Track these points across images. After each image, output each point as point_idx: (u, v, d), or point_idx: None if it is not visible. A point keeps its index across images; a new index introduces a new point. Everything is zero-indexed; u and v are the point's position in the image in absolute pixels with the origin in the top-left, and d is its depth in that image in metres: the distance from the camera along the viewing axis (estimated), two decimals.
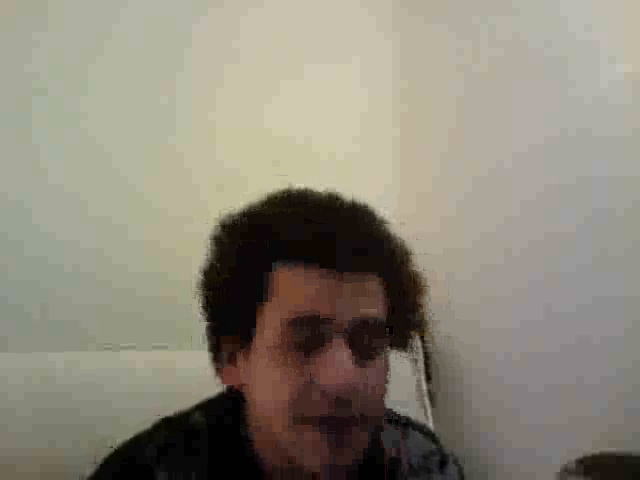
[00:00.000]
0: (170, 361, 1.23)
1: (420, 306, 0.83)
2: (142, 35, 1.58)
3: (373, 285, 0.76)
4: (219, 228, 0.80)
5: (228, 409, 0.80)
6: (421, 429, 0.94)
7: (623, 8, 1.31)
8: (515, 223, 1.51)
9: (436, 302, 1.64)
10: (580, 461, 1.02)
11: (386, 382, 0.78)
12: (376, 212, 0.82)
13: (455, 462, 0.92)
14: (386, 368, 0.78)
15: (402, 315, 0.79)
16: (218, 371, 0.82)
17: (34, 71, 1.49)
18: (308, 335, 0.73)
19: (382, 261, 0.77)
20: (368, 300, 0.75)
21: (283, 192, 0.80)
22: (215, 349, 0.82)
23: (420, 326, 0.85)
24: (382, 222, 0.81)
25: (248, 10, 1.68)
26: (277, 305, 0.75)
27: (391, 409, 0.92)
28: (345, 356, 0.72)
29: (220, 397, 0.83)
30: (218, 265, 0.79)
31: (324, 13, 1.76)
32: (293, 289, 0.75)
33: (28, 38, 1.48)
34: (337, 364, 0.72)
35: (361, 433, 0.75)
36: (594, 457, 1.04)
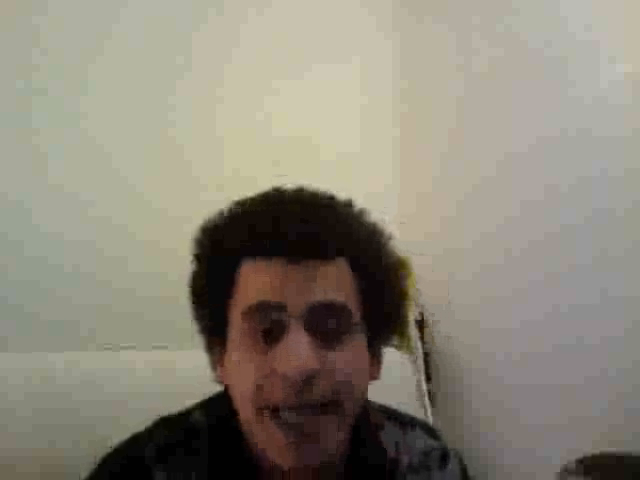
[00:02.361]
0: (170, 361, 1.23)
1: (396, 292, 0.82)
2: (142, 35, 1.58)
3: (336, 271, 0.76)
4: (200, 231, 0.81)
5: (228, 408, 0.80)
6: (423, 426, 0.93)
7: (623, 8, 1.31)
8: (515, 223, 1.51)
9: (436, 302, 1.67)
10: (580, 461, 1.02)
11: (360, 367, 0.77)
12: (354, 205, 0.82)
13: (456, 456, 0.92)
14: (360, 352, 0.77)
15: (375, 301, 0.78)
16: (213, 370, 0.83)
17: (34, 71, 1.49)
18: (266, 325, 0.74)
19: (347, 248, 0.77)
20: (326, 285, 0.74)
21: (258, 193, 0.81)
22: (209, 349, 0.82)
23: (398, 312, 0.84)
24: (357, 213, 0.81)
25: (248, 10, 1.68)
26: (238, 300, 0.77)
27: (395, 409, 0.92)
28: (301, 340, 0.72)
29: (221, 395, 0.83)
30: (196, 267, 0.81)
31: (324, 13, 1.76)
32: (249, 282, 0.76)
33: (28, 38, 1.48)
34: (293, 348, 0.72)
35: (330, 422, 0.74)
36: (594, 457, 1.04)
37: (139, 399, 1.13)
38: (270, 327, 0.74)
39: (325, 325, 0.74)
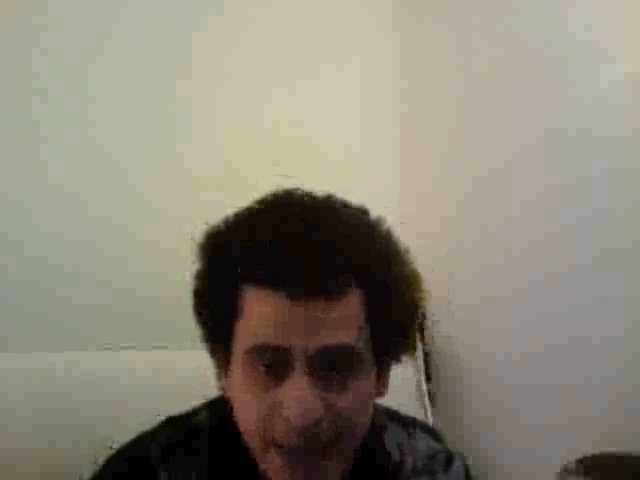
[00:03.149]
0: (170, 361, 1.23)
1: (406, 311, 0.79)
2: (142, 35, 1.58)
3: (343, 308, 0.72)
4: (205, 237, 0.78)
5: (232, 409, 0.79)
6: (426, 429, 0.93)
7: (623, 8, 1.31)
8: (515, 223, 1.51)
9: (436, 302, 1.67)
10: (580, 461, 1.02)
11: (364, 404, 0.75)
12: (366, 216, 0.78)
13: (460, 458, 0.91)
14: (366, 387, 0.75)
15: (384, 322, 0.75)
16: (218, 380, 0.82)
17: (34, 71, 1.49)
18: (269, 363, 0.72)
19: (356, 278, 0.73)
20: (332, 326, 0.71)
21: (266, 203, 0.78)
22: (213, 355, 0.82)
23: (409, 331, 0.81)
24: (372, 224, 0.78)
25: (248, 10, 1.68)
26: (243, 328, 0.74)
27: (396, 410, 0.92)
28: (305, 385, 0.70)
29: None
30: (199, 274, 0.79)
31: (324, 13, 1.76)
32: (254, 315, 0.73)
33: (28, 38, 1.48)
34: (297, 394, 0.70)
35: (334, 456, 0.74)
36: (594, 457, 1.04)
37: (139, 399, 1.14)
38: (273, 362, 0.72)
39: (330, 366, 0.72)
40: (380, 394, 0.80)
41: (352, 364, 0.73)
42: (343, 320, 0.72)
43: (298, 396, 0.70)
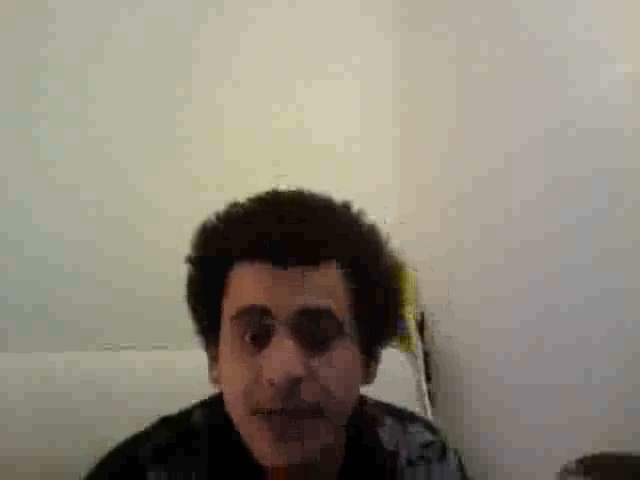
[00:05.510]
0: (170, 361, 1.23)
1: (391, 294, 0.81)
2: (142, 35, 1.58)
3: (323, 276, 0.76)
4: (195, 233, 0.82)
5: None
6: (422, 422, 0.94)
7: (623, 8, 1.31)
8: (515, 223, 1.51)
9: (436, 302, 1.67)
10: (580, 461, 1.02)
11: (347, 371, 0.77)
12: (351, 207, 0.81)
13: (454, 452, 0.92)
14: (348, 358, 0.77)
15: (368, 304, 0.78)
16: (210, 371, 0.83)
17: (34, 71, 1.49)
18: (253, 328, 0.75)
19: (337, 252, 0.76)
20: (312, 291, 0.75)
21: (255, 196, 0.82)
22: (206, 349, 0.83)
23: (393, 315, 0.83)
24: (354, 216, 0.81)
25: (249, 10, 1.68)
26: (229, 303, 0.77)
27: (394, 405, 0.93)
28: (286, 345, 0.73)
29: (221, 395, 0.83)
30: (190, 268, 0.82)
31: (324, 13, 1.76)
32: (239, 286, 0.77)
33: (28, 38, 1.48)
34: (278, 353, 0.72)
35: (315, 426, 0.74)
36: (594, 457, 1.04)
37: (139, 399, 1.13)
38: (258, 331, 0.74)
39: (311, 330, 0.74)
40: (367, 382, 0.82)
41: (333, 330, 0.76)
42: (324, 288, 0.76)
43: (279, 354, 0.72)
